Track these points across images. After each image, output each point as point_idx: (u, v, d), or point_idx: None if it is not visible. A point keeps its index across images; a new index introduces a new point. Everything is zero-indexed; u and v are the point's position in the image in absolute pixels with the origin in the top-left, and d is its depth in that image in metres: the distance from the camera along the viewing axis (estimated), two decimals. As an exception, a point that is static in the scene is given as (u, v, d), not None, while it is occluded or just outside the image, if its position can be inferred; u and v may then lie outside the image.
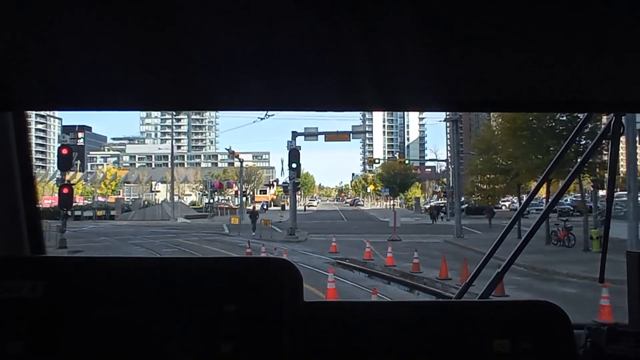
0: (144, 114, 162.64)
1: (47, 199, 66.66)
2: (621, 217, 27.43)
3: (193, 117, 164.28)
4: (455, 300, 1.78)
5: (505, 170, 24.36)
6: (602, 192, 28.58)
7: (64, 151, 21.52)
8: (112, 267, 1.43)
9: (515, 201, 43.26)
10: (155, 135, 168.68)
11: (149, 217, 50.28)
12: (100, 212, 50.33)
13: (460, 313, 1.43)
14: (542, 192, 28.31)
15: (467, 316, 1.41)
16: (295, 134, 29.84)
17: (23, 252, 1.63)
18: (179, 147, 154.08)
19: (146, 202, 68.62)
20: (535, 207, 37.69)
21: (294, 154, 27.24)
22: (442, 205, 49.94)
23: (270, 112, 29.72)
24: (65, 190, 20.21)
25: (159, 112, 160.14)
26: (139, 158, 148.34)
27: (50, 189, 69.85)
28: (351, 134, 33.16)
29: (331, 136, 32.38)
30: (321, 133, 32.23)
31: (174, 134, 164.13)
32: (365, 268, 15.82)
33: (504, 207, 51.51)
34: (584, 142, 21.37)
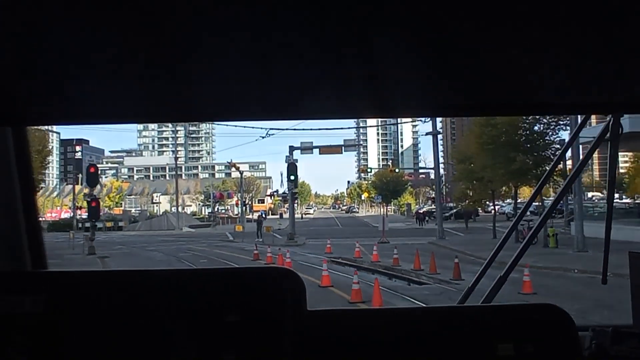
0: (141, 126, 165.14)
1: (50, 212, 69.18)
2: (596, 217, 30.38)
3: (190, 128, 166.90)
4: (459, 305, 1.76)
5: (480, 178, 27.41)
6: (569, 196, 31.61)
7: (92, 169, 24.78)
8: (113, 280, 1.44)
9: (504, 205, 46.27)
10: (153, 147, 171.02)
11: (155, 227, 53.06)
12: (109, 224, 53.00)
13: (464, 318, 1.44)
14: (524, 196, 30.98)
15: (471, 321, 1.42)
16: (292, 148, 32.97)
17: (25, 267, 1.64)
18: (176, 158, 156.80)
19: (148, 214, 71.31)
20: (519, 211, 40.85)
21: (291, 168, 30.42)
22: (434, 210, 52.96)
23: (270, 132, 32.93)
24: (93, 204, 23.50)
25: (156, 125, 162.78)
26: (137, 170, 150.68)
27: (58, 203, 72.50)
28: (343, 147, 36.37)
29: (325, 149, 35.58)
30: (316, 147, 35.37)
31: (171, 146, 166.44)
32: (354, 264, 18.79)
33: (493, 211, 54.31)
34: (548, 152, 24.55)
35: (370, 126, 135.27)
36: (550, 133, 24.25)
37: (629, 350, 1.44)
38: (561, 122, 23.52)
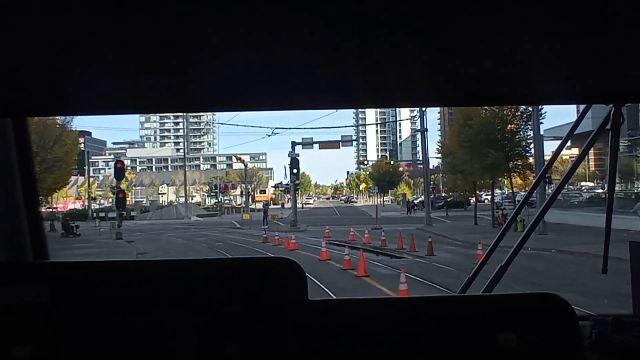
0: (143, 118, 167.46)
1: (61, 202, 72.43)
2: (575, 206, 33.48)
3: (191, 120, 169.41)
4: (460, 295, 1.77)
5: (461, 171, 30.77)
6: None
7: (119, 165, 28.32)
8: (116, 270, 1.45)
9: (496, 194, 49.72)
10: (155, 139, 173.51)
11: (165, 216, 56.41)
12: (122, 213, 56.35)
13: (466, 307, 1.45)
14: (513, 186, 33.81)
15: (472, 310, 1.43)
16: (294, 144, 36.38)
17: (26, 258, 1.66)
18: (178, 150, 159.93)
19: (158, 204, 74.66)
20: (507, 200, 44.31)
21: (294, 162, 33.88)
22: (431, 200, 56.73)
23: (277, 131, 36.26)
24: (120, 195, 27.05)
25: (158, 117, 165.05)
26: (139, 161, 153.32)
27: (64, 194, 75.65)
28: (340, 143, 39.78)
29: (324, 145, 39.03)
30: (316, 142, 38.79)
31: (173, 137, 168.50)
32: (348, 244, 22.20)
33: (486, 201, 57.78)
34: (518, 149, 27.85)
35: (370, 124, 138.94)
36: (521, 132, 27.61)
37: (630, 339, 1.44)
38: (529, 123, 26.86)
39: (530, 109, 25.06)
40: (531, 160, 27.76)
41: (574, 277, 13.25)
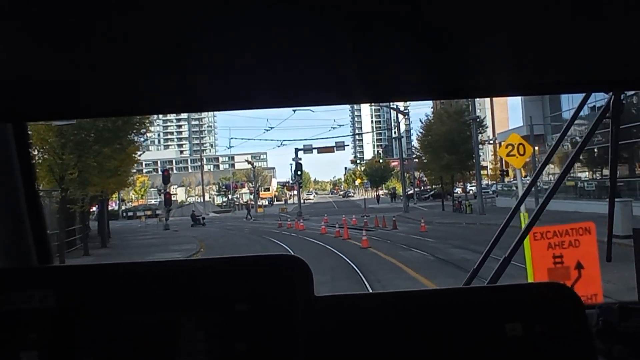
0: (147, 122, 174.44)
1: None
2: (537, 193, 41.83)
3: (192, 122, 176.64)
4: (466, 287, 1.78)
5: (428, 169, 39.53)
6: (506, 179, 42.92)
7: (166, 172, 37.01)
8: (122, 272, 1.45)
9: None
10: (159, 142, 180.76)
11: (186, 214, 63.82)
12: (148, 212, 64.82)
13: (472, 299, 1.45)
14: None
15: (478, 302, 1.44)
16: (297, 150, 45.22)
17: (30, 262, 1.65)
18: (181, 152, 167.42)
19: (179, 203, 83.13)
20: (484, 190, 52.82)
21: (298, 166, 42.73)
22: (418, 192, 65.49)
23: (276, 131, 44.86)
24: (167, 196, 35.75)
25: (161, 121, 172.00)
26: (145, 164, 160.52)
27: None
28: (335, 148, 48.79)
29: (322, 150, 48.03)
30: (314, 148, 47.83)
31: (176, 140, 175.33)
32: (339, 224, 30.76)
33: (471, 192, 65.86)
34: (468, 152, 36.38)
35: (366, 132, 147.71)
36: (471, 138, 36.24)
37: (637, 325, 1.45)
38: (478, 131, 35.48)
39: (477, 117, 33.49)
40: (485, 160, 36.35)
41: (467, 235, 21.81)
